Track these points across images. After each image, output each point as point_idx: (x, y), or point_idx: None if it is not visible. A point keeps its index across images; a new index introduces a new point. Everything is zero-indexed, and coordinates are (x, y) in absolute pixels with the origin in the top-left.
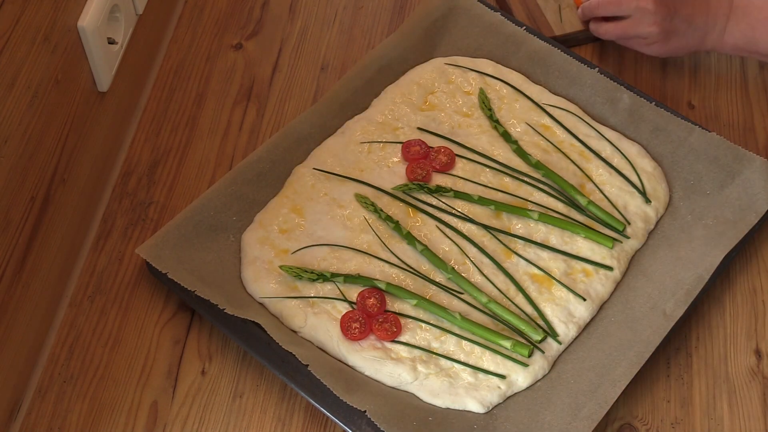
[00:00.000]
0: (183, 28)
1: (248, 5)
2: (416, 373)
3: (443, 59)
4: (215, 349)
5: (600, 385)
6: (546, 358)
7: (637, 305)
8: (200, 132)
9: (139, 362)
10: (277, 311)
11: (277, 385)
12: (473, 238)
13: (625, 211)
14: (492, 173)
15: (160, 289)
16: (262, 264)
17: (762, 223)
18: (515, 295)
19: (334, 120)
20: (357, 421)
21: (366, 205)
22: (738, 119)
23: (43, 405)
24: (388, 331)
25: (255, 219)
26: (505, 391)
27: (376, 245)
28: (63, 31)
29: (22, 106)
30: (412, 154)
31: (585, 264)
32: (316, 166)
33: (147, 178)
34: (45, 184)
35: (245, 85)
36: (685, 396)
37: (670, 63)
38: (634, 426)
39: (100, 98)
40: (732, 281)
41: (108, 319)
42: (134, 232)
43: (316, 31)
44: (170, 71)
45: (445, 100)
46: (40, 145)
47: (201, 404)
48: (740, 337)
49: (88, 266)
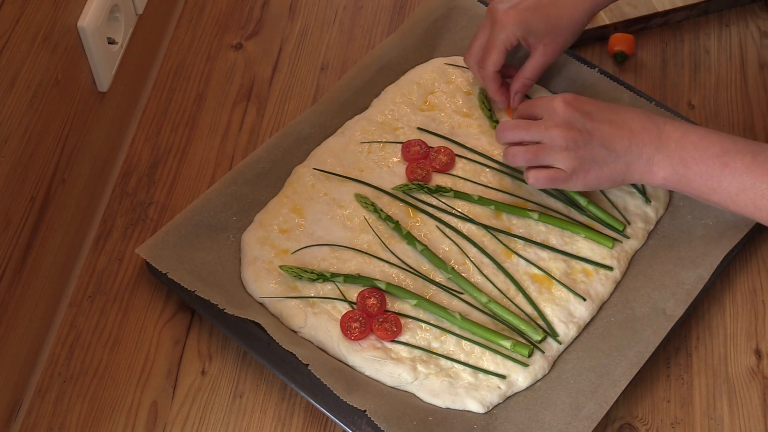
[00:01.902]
0: (183, 28)
1: (248, 5)
2: (416, 373)
3: (443, 59)
4: (215, 349)
5: (600, 385)
6: (546, 358)
7: (637, 305)
8: (200, 132)
9: (139, 362)
10: (277, 311)
11: (277, 385)
12: (473, 238)
13: (625, 211)
14: (492, 173)
15: (160, 289)
16: (262, 264)
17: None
18: (515, 295)
19: (334, 120)
20: (357, 421)
21: (366, 205)
22: (738, 119)
23: (43, 405)
24: (388, 331)
25: (255, 219)
26: (505, 391)
27: (376, 245)
28: (63, 31)
29: (22, 106)
30: (412, 154)
31: (585, 264)
32: (316, 166)
33: (147, 178)
34: (45, 184)
35: (245, 85)
36: (685, 396)
37: (670, 63)
38: (634, 426)
39: (100, 98)
40: (732, 281)
41: (108, 319)
42: (134, 232)
43: (316, 31)
44: (170, 71)
45: (445, 100)
46: (40, 145)
47: (201, 404)
48: (740, 337)
49: (88, 266)
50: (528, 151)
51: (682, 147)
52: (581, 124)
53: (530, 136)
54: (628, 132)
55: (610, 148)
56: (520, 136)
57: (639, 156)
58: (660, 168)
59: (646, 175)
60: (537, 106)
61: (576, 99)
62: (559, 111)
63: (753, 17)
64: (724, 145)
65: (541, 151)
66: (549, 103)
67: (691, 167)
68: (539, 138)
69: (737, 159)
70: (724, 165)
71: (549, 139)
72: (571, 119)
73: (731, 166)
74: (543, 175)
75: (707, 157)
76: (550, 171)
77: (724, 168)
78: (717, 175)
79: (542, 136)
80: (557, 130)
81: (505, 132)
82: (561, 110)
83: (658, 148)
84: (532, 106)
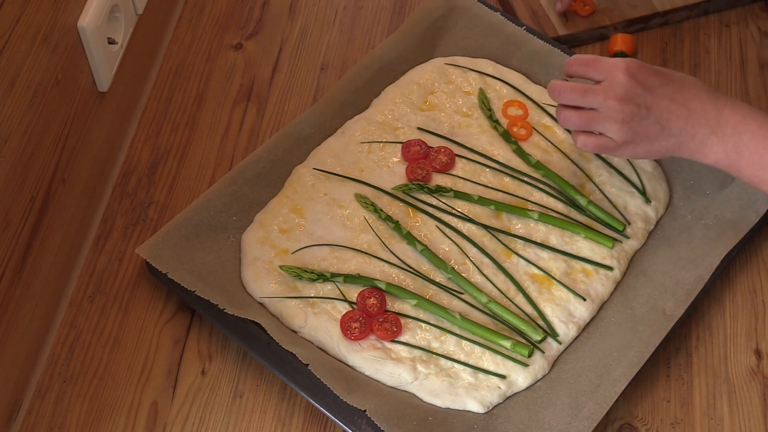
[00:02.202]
0: (183, 28)
1: (248, 5)
2: (416, 373)
3: (443, 59)
4: (215, 349)
5: (600, 385)
6: (546, 358)
7: (637, 305)
8: (200, 132)
9: (139, 362)
10: (277, 311)
11: (277, 385)
12: (473, 238)
13: (625, 211)
14: (492, 173)
15: (160, 289)
16: (262, 264)
17: (762, 223)
18: (515, 295)
19: (334, 120)
20: (357, 421)
21: (366, 205)
22: None
23: (43, 405)
24: (388, 331)
25: (255, 219)
26: (505, 391)
27: (376, 245)
28: (63, 31)
29: (22, 106)
30: (412, 154)
31: (585, 264)
32: (316, 166)
33: (147, 178)
34: (45, 184)
35: (245, 85)
36: (685, 396)
37: (670, 63)
38: (634, 426)
39: (100, 98)
40: (732, 281)
41: (108, 319)
42: (134, 232)
43: (316, 31)
44: (170, 71)
45: (445, 100)
46: (40, 145)
47: (201, 404)
48: (740, 337)
49: (88, 266)
50: (582, 116)
51: (738, 134)
52: (641, 98)
53: (586, 102)
54: (687, 111)
55: (665, 126)
56: (575, 100)
57: (693, 136)
58: (712, 151)
59: (697, 155)
60: (598, 69)
61: (641, 69)
62: (621, 81)
63: (753, 17)
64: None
65: (596, 119)
66: (612, 69)
67: (744, 156)
68: (596, 106)
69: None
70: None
71: (606, 108)
72: (631, 93)
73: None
74: (592, 141)
75: (762, 148)
76: (600, 138)
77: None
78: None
79: (600, 104)
80: (616, 101)
81: (561, 92)
82: (623, 81)
83: (714, 130)
84: (592, 66)
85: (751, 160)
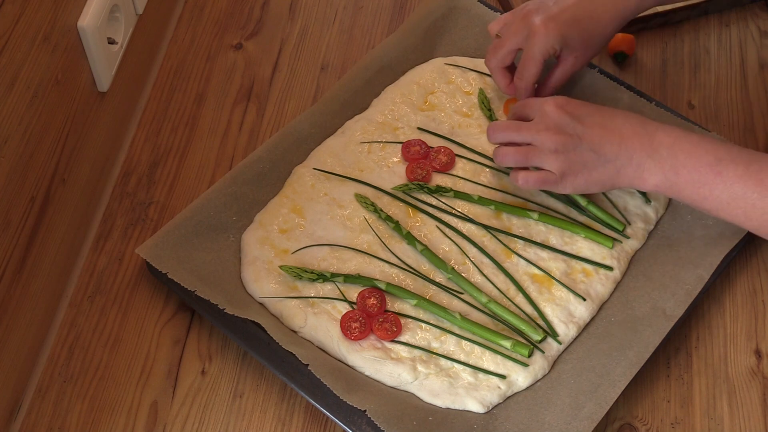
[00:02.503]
0: (183, 28)
1: (248, 5)
2: (416, 373)
3: (443, 59)
4: (215, 349)
5: (600, 385)
6: (546, 358)
7: (637, 305)
8: (200, 132)
9: (139, 362)
10: (277, 311)
11: (277, 385)
12: (473, 238)
13: (625, 211)
14: (492, 173)
15: (160, 289)
16: (262, 264)
17: None
18: (515, 295)
19: (334, 120)
20: (357, 421)
21: (366, 205)
22: (738, 119)
23: (43, 405)
24: (388, 331)
25: (255, 219)
26: (505, 391)
27: (376, 245)
28: (63, 31)
29: (22, 106)
30: (412, 154)
31: (585, 264)
32: (316, 166)
33: (147, 178)
34: (45, 184)
35: (245, 85)
36: (685, 396)
37: (670, 63)
38: (634, 426)
39: (100, 98)
40: (732, 281)
41: (108, 319)
42: (134, 232)
43: (316, 31)
44: (170, 71)
45: (445, 100)
46: (40, 145)
47: (201, 404)
48: (740, 337)
49: (88, 266)
50: (518, 152)
51: (674, 154)
52: (571, 127)
53: (521, 138)
54: (618, 137)
55: (599, 152)
56: (511, 137)
57: (629, 161)
58: (650, 174)
59: (637, 181)
60: (529, 108)
61: (568, 102)
62: (550, 114)
63: (753, 17)
64: (717, 154)
65: (531, 153)
66: (541, 105)
67: (682, 175)
68: (529, 140)
69: (730, 168)
70: (717, 174)
71: (539, 141)
72: (561, 122)
73: (723, 174)
74: (533, 177)
75: (699, 165)
76: (540, 173)
77: (716, 177)
78: (709, 184)
79: (533, 138)
80: (548, 132)
81: (496, 132)
82: (552, 113)
83: (649, 154)
84: (524, 107)
85: (690, 179)
